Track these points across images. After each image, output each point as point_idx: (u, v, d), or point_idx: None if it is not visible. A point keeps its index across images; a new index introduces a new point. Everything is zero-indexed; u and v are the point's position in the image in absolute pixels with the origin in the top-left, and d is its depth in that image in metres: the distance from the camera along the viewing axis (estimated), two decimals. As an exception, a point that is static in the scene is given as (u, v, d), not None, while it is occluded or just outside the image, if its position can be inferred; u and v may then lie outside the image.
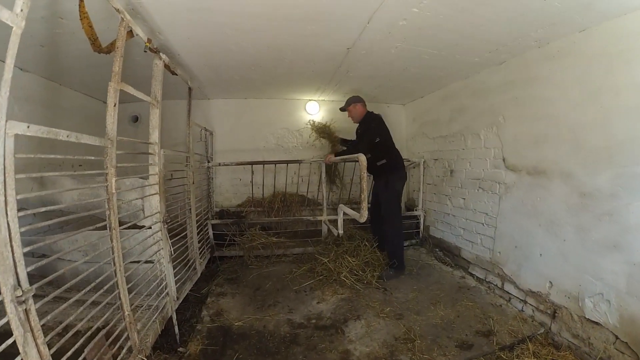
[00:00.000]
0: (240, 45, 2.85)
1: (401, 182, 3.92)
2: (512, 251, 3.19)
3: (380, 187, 3.93)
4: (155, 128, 2.61)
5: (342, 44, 2.81)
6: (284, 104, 5.27)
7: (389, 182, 3.82)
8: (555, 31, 2.47)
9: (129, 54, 2.68)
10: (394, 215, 3.83)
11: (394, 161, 3.89)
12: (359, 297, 3.32)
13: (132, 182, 2.47)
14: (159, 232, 2.51)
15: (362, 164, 2.44)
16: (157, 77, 2.60)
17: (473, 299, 3.27)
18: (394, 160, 3.90)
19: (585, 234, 2.44)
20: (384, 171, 3.84)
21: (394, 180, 3.83)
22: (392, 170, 3.84)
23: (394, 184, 3.83)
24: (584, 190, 2.44)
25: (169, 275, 2.59)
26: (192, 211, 3.44)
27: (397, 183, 3.86)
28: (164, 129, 4.81)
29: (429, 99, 4.82)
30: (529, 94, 2.95)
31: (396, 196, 3.86)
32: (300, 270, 3.90)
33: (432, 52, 2.97)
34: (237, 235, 4.41)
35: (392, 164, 3.86)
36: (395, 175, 3.85)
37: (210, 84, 4.23)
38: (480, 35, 2.60)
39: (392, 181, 3.82)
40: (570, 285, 2.54)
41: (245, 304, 3.26)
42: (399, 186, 3.89)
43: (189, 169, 3.43)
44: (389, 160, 3.84)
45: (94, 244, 2.18)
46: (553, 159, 2.72)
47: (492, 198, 3.46)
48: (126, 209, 2.39)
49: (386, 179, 3.83)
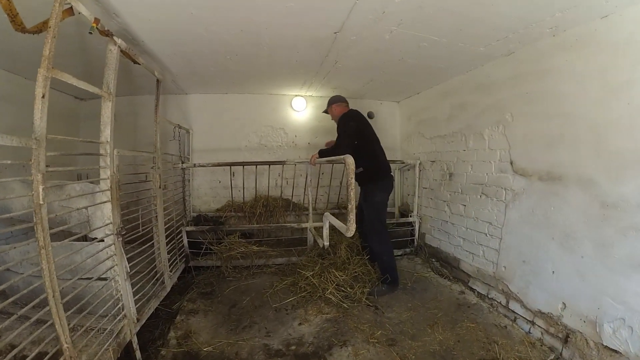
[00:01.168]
0: (211, 29, 2.48)
1: (383, 193, 3.49)
2: (519, 266, 2.86)
3: (360, 196, 3.62)
4: (106, 125, 2.22)
5: (328, 26, 2.43)
6: (268, 99, 4.89)
7: (368, 194, 3.48)
8: (574, 17, 2.16)
9: (88, 40, 2.34)
10: (375, 231, 3.43)
11: (374, 169, 3.46)
12: (347, 317, 2.95)
13: (83, 187, 2.19)
14: (112, 245, 2.19)
15: (349, 167, 2.04)
16: (110, 64, 2.26)
17: (475, 319, 2.94)
18: (375, 167, 3.47)
19: (606, 250, 2.15)
20: (363, 181, 3.50)
21: (372, 190, 3.46)
22: (370, 180, 3.46)
23: (374, 196, 3.44)
24: (607, 200, 2.15)
25: (126, 295, 2.27)
26: (159, 219, 3.06)
27: (378, 195, 3.45)
28: (138, 127, 4.54)
29: (426, 95, 4.47)
30: (542, 89, 2.62)
31: (376, 210, 3.46)
32: (282, 284, 3.52)
33: (432, 40, 2.60)
34: (214, 244, 3.99)
35: (371, 172, 3.45)
36: (373, 185, 3.46)
37: (185, 76, 3.84)
38: (489, 20, 2.25)
39: (370, 192, 3.46)
40: (586, 307, 2.26)
41: (218, 325, 2.89)
42: (380, 198, 3.47)
43: (155, 170, 3.01)
44: (368, 168, 3.43)
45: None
46: (570, 163, 2.41)
47: (497, 206, 3.11)
48: (77, 217, 2.16)
49: (365, 189, 3.53)
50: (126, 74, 3.34)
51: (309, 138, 5.08)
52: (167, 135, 3.86)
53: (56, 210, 2.04)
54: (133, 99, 4.49)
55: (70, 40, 2.53)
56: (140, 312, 2.46)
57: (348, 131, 3.38)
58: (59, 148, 1.76)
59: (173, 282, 3.34)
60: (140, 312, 2.48)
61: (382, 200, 3.48)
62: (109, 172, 2.19)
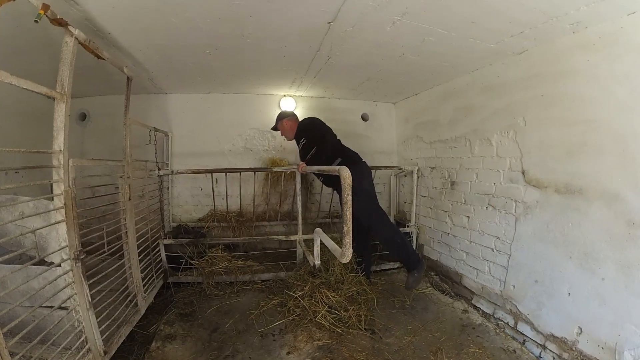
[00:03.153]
0: (184, 15, 2.16)
1: (365, 178, 3.34)
2: (531, 286, 2.62)
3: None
4: (60, 131, 1.87)
5: (320, 14, 2.13)
6: (254, 100, 4.57)
7: (355, 187, 3.15)
8: (599, 11, 1.93)
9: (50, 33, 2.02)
10: (377, 216, 3.24)
11: (349, 157, 3.36)
12: (341, 344, 2.64)
13: (37, 204, 1.93)
14: (71, 271, 1.89)
15: (345, 182, 1.72)
16: (66, 59, 1.91)
17: (481, 342, 2.69)
18: (349, 156, 3.38)
19: (631, 272, 1.95)
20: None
21: (358, 181, 3.11)
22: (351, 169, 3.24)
23: (360, 185, 3.13)
24: (634, 218, 1.93)
25: (90, 325, 1.98)
26: (129, 235, 2.72)
27: (362, 181, 3.23)
28: (115, 130, 4.17)
29: (426, 96, 4.20)
30: (560, 92, 2.36)
31: (369, 197, 3.28)
32: (269, 305, 3.19)
33: (440, 33, 2.32)
34: (194, 258, 3.65)
35: (347, 161, 3.25)
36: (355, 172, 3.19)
37: (162, 73, 3.51)
38: (508, 11, 1.98)
39: (357, 183, 3.15)
40: (606, 333, 2.07)
41: (197, 354, 2.56)
42: (366, 182, 3.32)
43: (124, 180, 2.66)
44: (343, 157, 3.32)
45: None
46: (592, 175, 2.17)
47: (506, 219, 2.84)
48: (33, 239, 1.93)
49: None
50: (99, 70, 2.99)
51: (298, 142, 4.75)
52: (144, 139, 3.51)
53: (10, 231, 1.86)
54: (110, 99, 4.15)
55: (31, 33, 2.24)
56: (108, 343, 2.18)
57: (322, 127, 3.39)
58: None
59: (149, 303, 3.02)
60: (109, 341, 2.20)
61: (370, 186, 3.36)
62: (63, 186, 1.86)
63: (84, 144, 4.31)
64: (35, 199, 1.93)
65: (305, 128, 3.47)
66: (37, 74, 2.44)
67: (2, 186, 1.64)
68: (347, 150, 3.45)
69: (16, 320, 1.46)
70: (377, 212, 3.26)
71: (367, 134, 4.92)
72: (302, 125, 3.52)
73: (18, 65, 2.77)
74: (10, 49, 2.52)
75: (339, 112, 4.74)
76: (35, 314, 1.73)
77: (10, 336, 1.41)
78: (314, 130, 3.41)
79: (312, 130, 3.41)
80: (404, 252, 3.14)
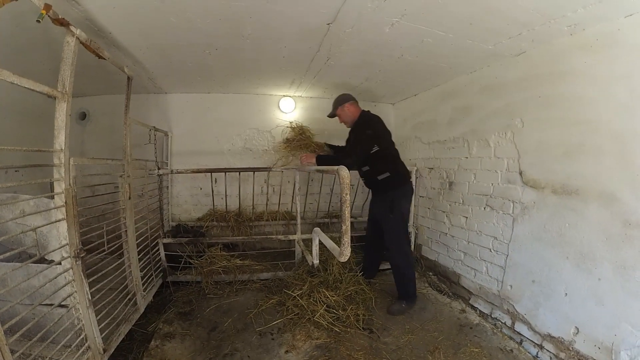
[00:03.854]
0: (184, 15, 2.16)
1: (408, 200, 3.27)
2: (528, 286, 2.63)
3: (381, 208, 3.23)
4: (61, 130, 1.87)
5: (320, 15, 2.13)
6: (253, 100, 4.56)
7: (395, 203, 3.12)
8: (597, 13, 1.94)
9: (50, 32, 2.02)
10: (401, 243, 3.18)
11: (400, 174, 3.20)
12: (339, 343, 2.65)
13: (38, 203, 1.91)
14: (71, 269, 1.89)
15: (343, 181, 1.72)
16: (67, 59, 1.91)
17: (478, 342, 2.69)
18: (400, 172, 3.21)
19: (627, 273, 1.95)
20: (387, 187, 3.15)
21: (399, 199, 3.15)
22: (394, 186, 3.15)
23: (400, 205, 3.16)
24: (631, 219, 1.93)
25: (89, 323, 1.98)
26: (129, 233, 2.72)
27: (404, 203, 3.21)
28: (115, 128, 4.17)
29: (425, 96, 4.19)
30: (558, 93, 2.37)
31: (401, 220, 3.19)
32: (268, 304, 3.19)
33: (438, 35, 2.32)
34: (193, 257, 3.65)
35: (398, 178, 3.17)
36: (400, 192, 3.17)
37: (162, 73, 3.51)
38: (506, 13, 1.98)
39: (397, 201, 3.14)
40: (602, 333, 2.08)
41: (196, 352, 2.56)
42: (406, 206, 3.25)
43: (124, 180, 2.66)
44: (393, 173, 3.13)
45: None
46: (590, 175, 2.17)
47: (504, 219, 2.85)
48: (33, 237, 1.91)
49: (391, 198, 3.14)
50: (99, 70, 2.98)
51: (297, 141, 4.74)
52: (144, 138, 3.52)
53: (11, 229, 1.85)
54: (109, 98, 4.16)
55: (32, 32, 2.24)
56: (107, 341, 2.18)
57: (364, 141, 3.08)
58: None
59: (148, 301, 3.02)
60: (108, 340, 2.20)
61: (407, 209, 3.27)
62: (64, 185, 1.86)
63: (84, 143, 4.30)
64: (36, 197, 1.92)
65: (358, 124, 3.22)
66: (37, 72, 2.45)
67: (3, 184, 1.64)
68: (399, 167, 3.23)
69: (16, 317, 1.46)
70: (401, 237, 3.20)
71: (366, 135, 4.92)
72: (359, 120, 3.23)
73: (18, 64, 2.76)
74: (10, 47, 2.52)
75: (339, 113, 4.72)
76: (35, 311, 1.73)
77: (11, 334, 1.40)
78: (355, 132, 3.21)
79: (359, 132, 3.17)
80: (406, 283, 3.17)
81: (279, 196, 4.49)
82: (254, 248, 4.37)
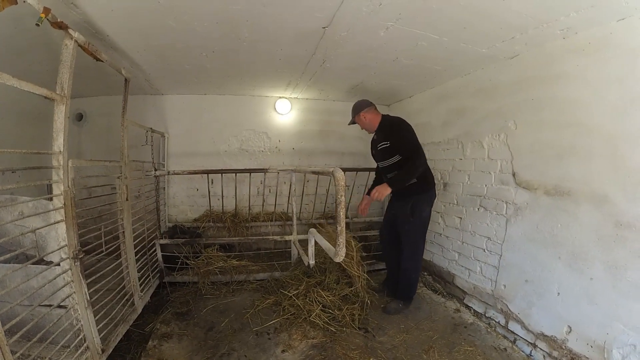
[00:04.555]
0: (182, 19, 2.18)
1: (430, 205, 3.10)
2: (521, 286, 2.66)
3: (402, 210, 3.08)
4: (59, 132, 1.89)
5: (316, 19, 2.15)
6: (250, 101, 4.56)
7: (416, 208, 3.00)
8: (589, 17, 1.98)
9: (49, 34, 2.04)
10: (417, 248, 3.11)
11: (427, 180, 3.06)
12: (334, 342, 2.68)
13: (37, 205, 1.95)
14: (69, 270, 1.91)
15: (338, 183, 1.73)
16: (65, 61, 1.93)
17: (472, 341, 2.72)
18: (427, 178, 3.06)
19: (619, 273, 1.99)
20: (412, 192, 3.00)
21: (422, 204, 3.02)
22: (420, 191, 3.01)
23: (422, 210, 3.03)
24: (622, 219, 1.97)
25: (88, 324, 2.00)
26: (126, 234, 2.74)
27: (425, 207, 3.06)
28: (112, 129, 4.16)
29: (419, 98, 4.22)
30: (550, 96, 2.40)
31: (422, 225, 3.10)
32: (264, 304, 3.21)
33: (432, 38, 2.35)
34: (190, 258, 3.66)
35: (424, 182, 3.03)
36: (425, 196, 3.05)
37: (159, 75, 3.51)
38: (499, 17, 2.02)
39: (419, 206, 3.01)
40: (594, 332, 2.12)
41: (193, 351, 2.58)
42: (428, 210, 3.09)
43: (121, 181, 2.68)
44: (421, 178, 2.96)
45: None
46: (582, 177, 2.21)
47: (497, 220, 2.89)
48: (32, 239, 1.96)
49: (413, 202, 3.01)
50: (97, 71, 3.02)
51: (293, 143, 4.77)
52: (141, 139, 3.52)
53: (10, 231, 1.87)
54: (106, 99, 4.15)
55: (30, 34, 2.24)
56: (106, 341, 2.20)
57: (413, 135, 2.97)
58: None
59: (145, 302, 3.03)
60: (107, 340, 2.22)
61: (428, 215, 3.10)
62: (63, 187, 1.88)
63: (81, 144, 4.30)
64: (35, 199, 1.94)
65: (392, 129, 3.00)
66: (35, 74, 2.49)
67: (1, 186, 1.65)
68: (427, 172, 3.06)
69: (16, 318, 1.47)
70: (419, 242, 3.12)
71: (362, 136, 4.89)
72: (389, 123, 3.05)
73: (17, 66, 2.80)
74: (10, 49, 2.53)
75: (334, 114, 4.75)
76: (34, 312, 1.74)
77: (10, 335, 1.41)
78: (403, 135, 2.95)
79: (399, 134, 2.96)
80: (408, 286, 3.18)
81: (275, 197, 4.50)
82: (250, 249, 4.38)
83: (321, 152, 4.83)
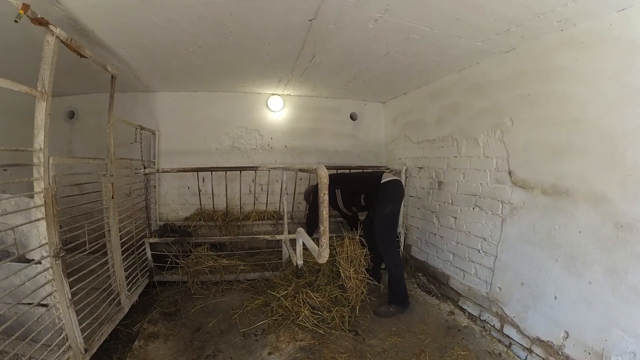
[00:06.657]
0: (165, 15, 2.12)
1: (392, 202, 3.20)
2: (517, 288, 2.58)
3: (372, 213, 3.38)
4: (40, 129, 1.88)
5: (301, 12, 2.07)
6: (241, 98, 4.48)
7: (376, 207, 3.22)
8: (587, 8, 1.88)
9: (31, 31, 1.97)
10: (385, 246, 3.16)
11: (376, 193, 3.31)
12: (323, 345, 2.62)
13: (18, 202, 1.93)
14: (51, 269, 1.90)
15: (321, 181, 1.66)
16: (47, 58, 1.93)
17: (466, 345, 2.65)
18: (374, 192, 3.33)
19: (618, 276, 1.90)
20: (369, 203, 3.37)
21: (380, 202, 3.21)
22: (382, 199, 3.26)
23: (382, 208, 3.17)
24: (622, 220, 1.89)
25: (70, 323, 1.98)
26: (112, 233, 2.69)
27: (387, 205, 3.18)
28: (102, 127, 4.10)
29: (414, 95, 4.13)
30: (547, 91, 2.32)
31: (385, 224, 3.19)
32: (253, 305, 3.15)
33: (424, 31, 2.26)
34: (180, 257, 3.59)
35: (373, 196, 3.32)
36: (380, 196, 3.27)
37: (148, 71, 3.45)
38: (492, 7, 1.93)
39: (379, 205, 3.21)
40: (592, 338, 2.03)
41: (179, 353, 2.53)
42: (390, 209, 3.18)
43: (107, 179, 2.62)
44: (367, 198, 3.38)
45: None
46: (579, 176, 2.12)
47: (493, 220, 2.80)
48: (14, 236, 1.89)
49: (375, 205, 3.27)
50: (85, 69, 2.95)
51: (286, 140, 4.69)
52: (132, 137, 3.45)
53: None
54: (98, 97, 4.07)
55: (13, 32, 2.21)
56: (89, 340, 2.17)
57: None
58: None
59: (133, 301, 3.00)
60: (90, 339, 2.19)
61: (392, 213, 3.17)
62: (43, 184, 1.87)
63: (72, 142, 4.25)
64: (16, 196, 1.92)
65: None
66: (20, 72, 2.44)
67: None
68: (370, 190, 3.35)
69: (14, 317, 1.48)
70: (389, 241, 3.18)
71: (355, 133, 4.87)
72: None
73: (3, 65, 2.76)
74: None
75: (327, 111, 4.69)
76: (16, 309, 1.76)
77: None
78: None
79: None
80: (398, 285, 3.13)
81: (267, 195, 4.43)
82: (241, 248, 4.31)
83: (313, 149, 4.76)
